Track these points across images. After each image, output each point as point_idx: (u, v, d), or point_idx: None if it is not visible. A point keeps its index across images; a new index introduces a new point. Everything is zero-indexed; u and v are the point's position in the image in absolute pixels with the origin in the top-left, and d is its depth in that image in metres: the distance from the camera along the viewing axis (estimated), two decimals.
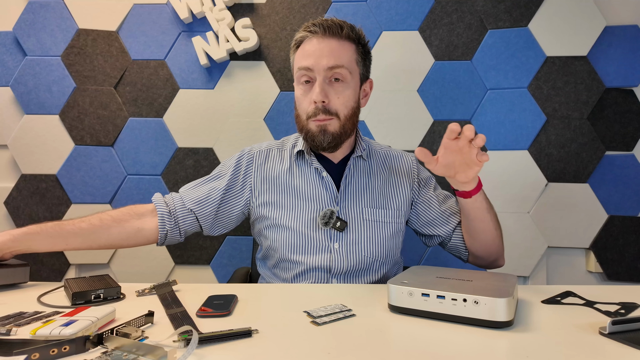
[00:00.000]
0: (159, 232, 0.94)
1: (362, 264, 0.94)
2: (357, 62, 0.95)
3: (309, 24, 0.93)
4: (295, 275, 0.95)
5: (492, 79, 1.53)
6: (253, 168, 1.02)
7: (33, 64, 1.55)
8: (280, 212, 0.97)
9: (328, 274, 0.93)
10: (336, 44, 0.91)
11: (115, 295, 0.73)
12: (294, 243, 0.94)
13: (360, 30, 0.96)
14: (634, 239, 1.47)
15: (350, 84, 0.93)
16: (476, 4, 1.53)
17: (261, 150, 1.05)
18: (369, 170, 1.02)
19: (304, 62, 0.91)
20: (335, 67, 0.90)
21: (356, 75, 0.95)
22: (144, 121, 1.56)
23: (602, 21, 1.48)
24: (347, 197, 0.97)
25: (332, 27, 0.91)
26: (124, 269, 1.56)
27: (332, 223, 0.92)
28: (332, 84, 0.91)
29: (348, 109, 0.93)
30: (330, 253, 0.93)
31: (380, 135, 1.55)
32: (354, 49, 0.94)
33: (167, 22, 1.57)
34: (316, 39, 0.91)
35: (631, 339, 0.52)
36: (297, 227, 0.95)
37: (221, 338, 0.53)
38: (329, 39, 0.91)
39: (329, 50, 0.90)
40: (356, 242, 0.94)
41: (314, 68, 0.90)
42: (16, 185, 1.56)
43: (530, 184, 1.51)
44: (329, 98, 0.91)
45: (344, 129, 0.93)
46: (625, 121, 1.49)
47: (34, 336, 0.52)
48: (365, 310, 0.66)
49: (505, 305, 0.56)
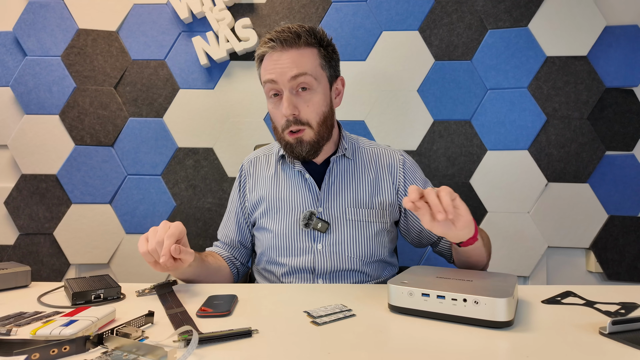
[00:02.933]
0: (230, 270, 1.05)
1: (345, 264, 0.94)
2: (322, 65, 0.93)
3: (266, 39, 0.91)
4: (280, 275, 0.97)
5: (492, 79, 1.53)
6: (244, 178, 1.08)
7: (33, 64, 1.55)
8: (266, 216, 1.00)
9: (312, 274, 0.95)
10: (296, 54, 0.90)
11: (115, 295, 0.73)
12: (278, 245, 0.96)
13: (321, 31, 0.94)
14: (634, 239, 1.47)
15: (318, 89, 0.92)
16: (476, 4, 1.53)
17: (250, 159, 1.09)
18: (353, 169, 1.01)
19: (269, 75, 0.91)
20: (299, 75, 0.89)
21: (323, 79, 0.94)
22: (144, 121, 1.56)
23: (602, 21, 1.48)
24: (329, 198, 0.97)
25: (288, 39, 0.89)
26: (124, 269, 1.56)
27: (313, 224, 0.93)
28: (300, 93, 0.91)
29: (319, 115, 0.93)
30: (314, 254, 0.94)
31: (380, 135, 1.55)
32: (316, 54, 0.92)
33: (167, 22, 1.57)
34: (276, 53, 0.90)
35: (631, 339, 0.52)
36: (281, 230, 0.97)
37: (221, 338, 0.53)
38: (287, 50, 0.90)
39: (290, 62, 0.89)
40: (338, 242, 0.94)
41: (278, 80, 0.90)
42: (16, 185, 1.56)
43: (530, 184, 1.51)
44: (298, 109, 0.90)
45: (319, 135, 0.93)
46: (625, 121, 1.49)
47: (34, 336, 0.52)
48: (365, 310, 0.66)
49: (505, 305, 0.56)
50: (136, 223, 1.56)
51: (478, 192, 1.53)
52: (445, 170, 1.54)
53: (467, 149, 1.53)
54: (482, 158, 1.53)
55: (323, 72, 0.94)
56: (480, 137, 1.53)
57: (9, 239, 1.57)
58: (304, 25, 0.93)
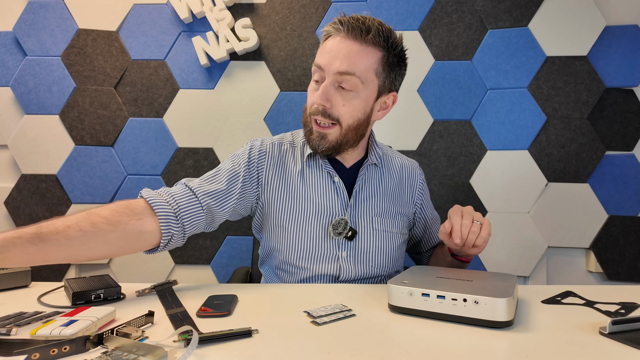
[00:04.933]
0: (161, 237, 0.78)
1: (369, 274, 0.92)
2: (377, 72, 0.85)
3: (336, 19, 0.84)
4: (300, 280, 0.92)
5: (492, 79, 1.52)
6: (266, 162, 0.94)
7: (33, 64, 1.55)
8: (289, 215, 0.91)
9: (335, 281, 0.91)
10: (357, 48, 0.82)
11: (115, 295, 0.73)
12: (300, 249, 0.90)
13: (396, 37, 0.85)
14: (634, 239, 1.47)
15: (361, 94, 0.84)
16: (476, 4, 1.53)
17: (273, 142, 0.97)
18: (381, 178, 0.98)
19: (319, 59, 0.84)
20: (345, 73, 0.82)
21: (372, 86, 0.86)
22: (144, 121, 1.56)
23: (602, 21, 1.48)
24: (357, 205, 0.93)
25: (356, 28, 0.81)
26: (124, 269, 1.56)
27: (345, 233, 0.88)
28: (340, 89, 0.84)
29: (353, 119, 0.86)
30: (338, 262, 0.90)
31: (381, 135, 1.55)
32: (378, 58, 0.84)
33: (167, 22, 1.57)
34: (339, 38, 0.83)
35: (631, 339, 0.52)
36: (305, 232, 0.90)
37: (221, 338, 0.53)
38: (351, 40, 0.82)
39: (346, 54, 0.81)
40: (365, 251, 0.91)
41: (325, 68, 0.83)
42: (16, 185, 1.56)
43: (530, 184, 1.51)
44: (331, 103, 0.84)
45: (344, 138, 0.87)
46: (625, 121, 1.49)
47: (34, 336, 0.52)
48: (365, 310, 0.66)
49: (505, 305, 0.56)
50: None
51: (478, 192, 1.53)
52: (445, 170, 1.54)
53: (467, 149, 1.53)
54: (482, 158, 1.53)
55: (375, 78, 0.85)
56: (480, 137, 1.53)
57: None
58: (383, 24, 0.84)
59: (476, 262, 1.51)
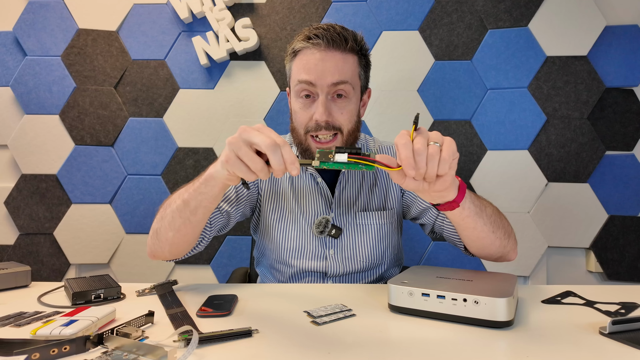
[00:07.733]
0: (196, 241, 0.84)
1: (357, 268, 0.94)
2: (360, 75, 0.89)
3: (309, 33, 0.85)
4: (290, 275, 0.96)
5: (492, 78, 1.52)
6: None
7: (33, 64, 1.55)
8: (278, 216, 0.97)
9: (324, 276, 0.95)
10: (340, 58, 0.84)
11: (115, 295, 0.73)
12: (289, 247, 0.94)
13: (362, 38, 0.89)
14: (634, 239, 1.47)
15: (353, 98, 0.88)
16: (476, 4, 1.53)
17: None
18: (363, 172, 0.99)
19: (306, 75, 0.85)
20: (340, 83, 0.84)
21: (358, 89, 0.90)
22: (144, 121, 1.56)
23: (602, 21, 1.48)
24: (341, 204, 0.96)
25: (336, 39, 0.83)
26: (124, 269, 1.56)
27: (327, 231, 0.91)
28: (335, 100, 0.86)
29: (352, 123, 0.89)
30: (326, 260, 0.93)
31: (381, 135, 1.55)
32: (356, 62, 0.88)
33: (167, 22, 1.57)
34: (318, 52, 0.84)
35: (631, 339, 0.52)
36: (292, 232, 0.95)
37: (221, 338, 0.53)
38: (332, 51, 0.84)
39: (333, 65, 0.83)
40: (351, 248, 0.94)
41: (317, 84, 0.84)
42: (16, 185, 1.56)
43: (530, 184, 1.51)
44: (332, 116, 0.86)
45: (346, 144, 0.89)
46: (625, 121, 1.49)
47: (34, 336, 0.52)
48: (365, 310, 0.66)
49: (505, 305, 0.56)
50: (136, 223, 1.56)
51: (478, 191, 1.53)
52: None
53: (467, 148, 1.53)
54: (482, 158, 1.53)
55: (359, 81, 0.90)
56: (480, 137, 1.53)
57: (9, 239, 1.57)
58: (346, 28, 0.87)
59: (476, 262, 1.51)
